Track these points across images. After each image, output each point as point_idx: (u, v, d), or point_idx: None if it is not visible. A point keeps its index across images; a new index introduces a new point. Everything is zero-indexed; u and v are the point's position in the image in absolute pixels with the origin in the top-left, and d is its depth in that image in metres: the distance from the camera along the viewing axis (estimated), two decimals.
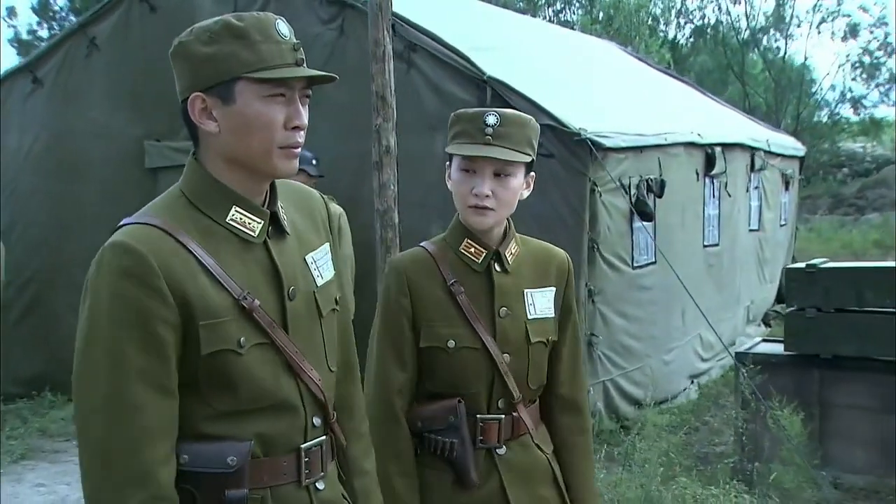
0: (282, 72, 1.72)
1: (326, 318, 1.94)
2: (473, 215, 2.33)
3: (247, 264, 1.79)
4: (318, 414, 1.88)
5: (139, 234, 1.70)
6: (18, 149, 8.09)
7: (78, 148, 7.88)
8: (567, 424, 2.52)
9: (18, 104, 8.10)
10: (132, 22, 7.72)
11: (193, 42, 1.74)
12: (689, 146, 8.34)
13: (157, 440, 1.65)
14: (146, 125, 7.63)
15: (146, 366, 1.65)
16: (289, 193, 1.97)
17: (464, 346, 2.35)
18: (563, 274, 2.49)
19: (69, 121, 7.92)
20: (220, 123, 1.75)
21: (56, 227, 7.98)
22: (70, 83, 7.96)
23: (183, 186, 1.82)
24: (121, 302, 1.65)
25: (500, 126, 2.30)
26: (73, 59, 7.93)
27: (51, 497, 5.67)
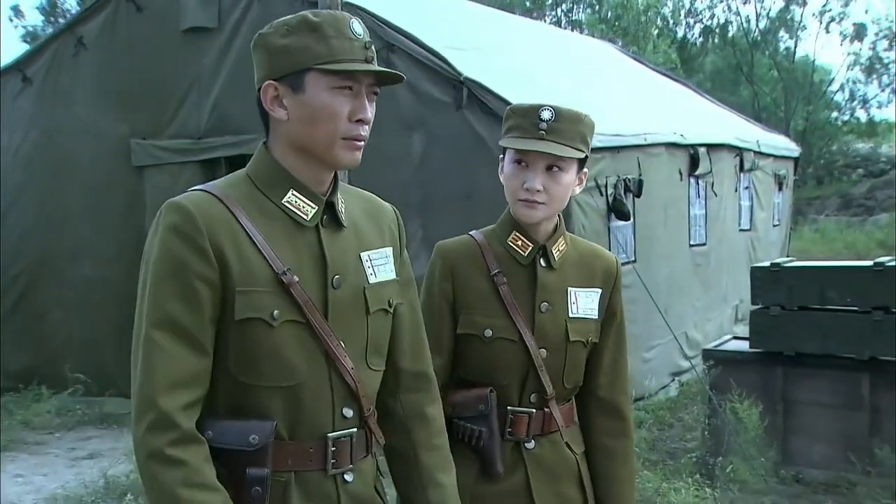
0: (350, 65, 1.78)
1: (375, 316, 1.95)
2: (523, 208, 2.32)
3: (296, 246, 1.84)
4: (349, 405, 1.88)
5: (194, 197, 1.79)
6: (8, 147, 8.24)
7: (66, 146, 8.02)
8: (604, 427, 2.48)
9: (8, 103, 8.25)
10: (119, 22, 7.85)
11: (272, 34, 1.81)
12: (672, 146, 8.42)
13: (182, 389, 1.71)
14: (133, 124, 7.77)
15: (181, 316, 1.72)
16: (360, 200, 2.03)
17: (500, 336, 2.34)
18: (610, 277, 2.47)
19: (58, 119, 8.06)
20: (290, 111, 1.81)
21: (44, 224, 8.13)
22: (59, 82, 8.10)
23: (249, 170, 1.90)
24: (166, 255, 1.74)
25: (554, 121, 2.29)
26: (61, 58, 8.07)
27: (27, 487, 5.79)
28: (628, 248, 7.59)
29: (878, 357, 5.58)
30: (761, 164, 11.39)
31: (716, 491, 5.47)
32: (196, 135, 7.53)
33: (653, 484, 5.53)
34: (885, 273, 5.57)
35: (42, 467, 6.19)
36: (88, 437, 6.83)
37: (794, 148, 13.73)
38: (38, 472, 6.08)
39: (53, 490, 5.67)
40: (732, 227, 10.51)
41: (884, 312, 5.53)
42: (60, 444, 6.76)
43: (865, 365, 5.60)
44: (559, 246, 2.41)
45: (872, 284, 5.59)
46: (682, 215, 8.85)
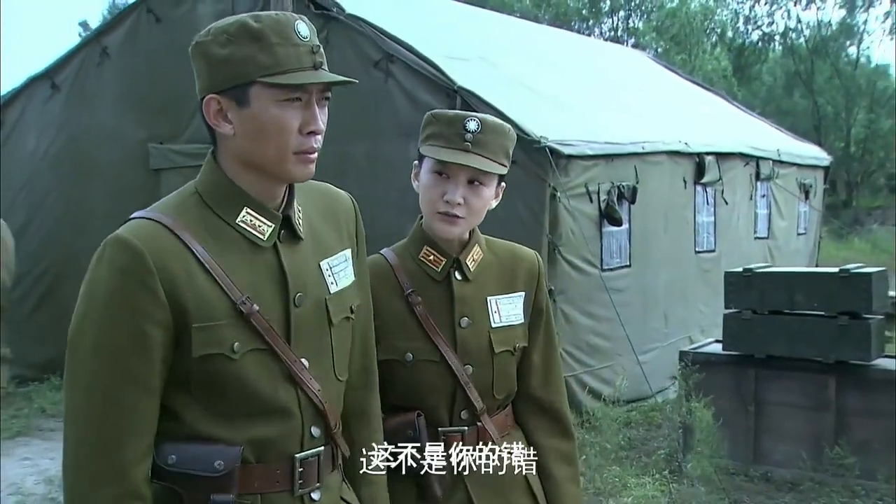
0: (297, 76, 1.68)
1: (337, 327, 1.89)
2: (441, 222, 2.23)
3: (254, 268, 1.75)
4: (317, 423, 1.83)
5: (141, 230, 1.69)
6: (36, 150, 8.72)
7: (89, 149, 8.47)
8: (542, 428, 2.41)
9: (38, 108, 8.73)
10: (140, 32, 8.28)
11: (211, 43, 1.70)
12: (675, 154, 8.59)
13: (134, 438, 1.64)
14: (151, 128, 8.18)
15: (131, 363, 1.64)
16: (314, 195, 1.93)
17: (422, 359, 2.25)
18: (532, 277, 2.39)
19: (82, 124, 8.52)
20: (236, 126, 1.71)
21: (68, 224, 8.58)
22: (84, 89, 8.56)
23: (198, 185, 1.79)
24: (113, 297, 1.65)
25: (480, 133, 2.21)
26: (87, 66, 8.54)
27: (32, 470, 6.18)
28: (622, 254, 7.79)
29: (843, 360, 5.73)
30: (782, 173, 11.46)
31: (677, 486, 5.66)
32: (209, 140, 7.86)
33: (620, 479, 5.74)
34: (851, 279, 5.72)
35: (50, 451, 6.56)
36: None
37: (824, 157, 13.73)
38: (46, 456, 6.46)
39: (56, 472, 6.04)
40: (747, 235, 10.61)
41: (849, 317, 5.69)
42: None
43: (832, 368, 5.76)
44: (474, 255, 2.33)
45: (839, 290, 5.74)
46: (687, 222, 9.00)
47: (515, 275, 2.37)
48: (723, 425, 5.96)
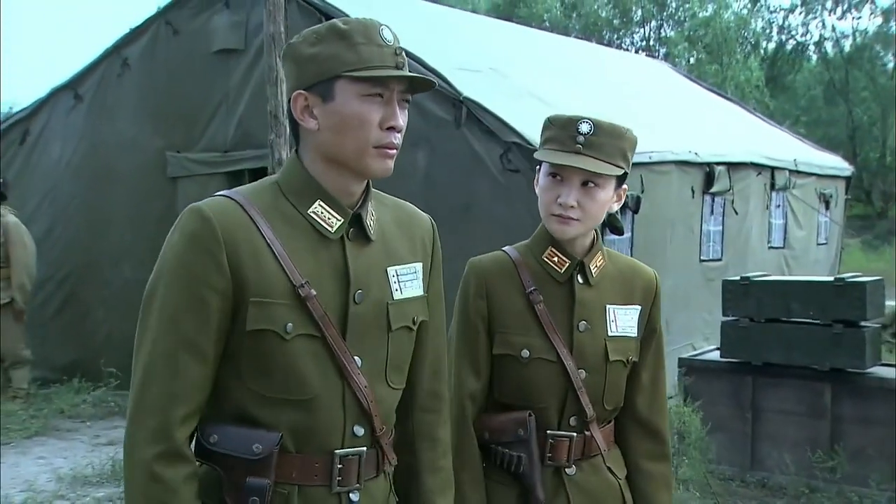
0: (380, 72, 1.74)
1: (396, 333, 1.89)
2: (556, 224, 2.24)
3: (318, 258, 1.79)
4: (360, 423, 1.83)
5: (216, 203, 1.77)
6: (60, 158, 8.96)
7: (109, 158, 8.69)
8: (643, 449, 2.38)
9: (62, 118, 8.97)
10: (158, 44, 8.50)
11: (301, 44, 1.79)
12: (684, 164, 8.66)
13: (182, 401, 1.70)
14: (168, 137, 8.39)
15: (188, 328, 1.70)
16: (395, 208, 1.98)
17: (538, 356, 2.24)
18: (649, 293, 2.37)
19: (103, 133, 8.75)
20: (320, 121, 1.78)
21: (89, 230, 8.81)
22: (105, 99, 8.79)
23: (279, 177, 1.86)
24: (180, 263, 1.72)
25: (592, 135, 2.20)
26: (108, 77, 8.76)
27: (45, 468, 6.36)
28: None
29: (839, 368, 5.78)
30: (799, 183, 11.47)
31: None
32: (223, 148, 8.10)
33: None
34: (845, 288, 5.78)
35: (65, 451, 6.77)
36: (115, 426, 7.38)
37: (845, 167, 13.70)
38: (60, 455, 6.65)
39: (67, 472, 6.23)
40: (760, 245, 10.62)
41: (844, 325, 5.76)
42: (88, 432, 7.35)
43: (827, 375, 5.82)
44: (597, 261, 2.32)
45: (833, 299, 5.80)
46: (692, 231, 9.06)
47: (633, 288, 2.36)
48: (721, 431, 6.05)
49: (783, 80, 34.39)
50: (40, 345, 8.52)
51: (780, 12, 34.47)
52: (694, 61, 33.87)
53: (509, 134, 6.90)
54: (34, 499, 5.64)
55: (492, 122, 6.98)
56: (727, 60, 31.61)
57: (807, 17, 34.14)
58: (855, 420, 5.79)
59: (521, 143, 6.85)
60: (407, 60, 1.81)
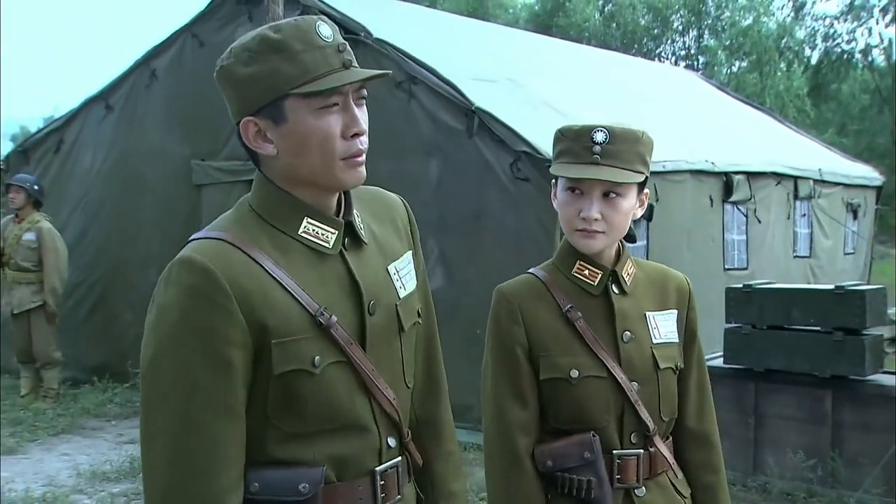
0: (329, 81, 1.60)
1: (408, 333, 1.83)
2: (582, 238, 2.15)
3: (324, 278, 1.69)
4: (392, 434, 1.78)
5: (208, 249, 1.61)
6: (91, 167, 9.28)
7: (138, 166, 8.99)
8: (700, 461, 2.29)
9: (94, 127, 9.29)
10: (185, 55, 8.77)
11: (234, 64, 1.65)
12: (700, 174, 8.75)
13: (226, 467, 1.57)
14: (193, 146, 8.65)
15: (214, 389, 1.56)
16: (367, 200, 1.86)
17: (588, 374, 2.15)
18: (683, 297, 2.31)
19: (132, 142, 9.04)
20: (277, 145, 1.64)
21: (118, 235, 9.11)
22: (135, 109, 9.09)
23: (252, 201, 1.72)
24: (187, 323, 1.56)
25: (608, 143, 2.11)
26: (137, 88, 9.06)
27: (69, 464, 6.60)
28: None
29: (839, 375, 5.85)
30: (825, 192, 11.49)
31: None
32: (245, 157, 8.26)
33: None
34: (846, 296, 5.85)
35: (88, 448, 7.02)
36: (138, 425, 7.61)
37: (875, 177, 13.66)
38: (83, 452, 6.90)
39: (87, 464, 6.48)
40: (785, 254, 10.67)
41: (844, 333, 5.82)
42: (112, 431, 7.60)
43: (828, 382, 5.88)
44: (628, 269, 2.25)
45: (834, 307, 5.87)
46: (713, 240, 9.14)
47: (667, 292, 2.29)
48: (724, 437, 5.98)
49: (828, 88, 34.08)
50: (72, 346, 8.82)
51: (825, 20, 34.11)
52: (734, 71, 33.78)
53: (519, 143, 7.04)
54: (53, 493, 5.87)
55: (502, 131, 7.12)
56: (767, 70, 31.49)
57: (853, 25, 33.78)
58: (855, 426, 5.84)
59: (530, 153, 6.99)
60: (353, 54, 1.67)
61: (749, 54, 32.60)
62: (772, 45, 31.66)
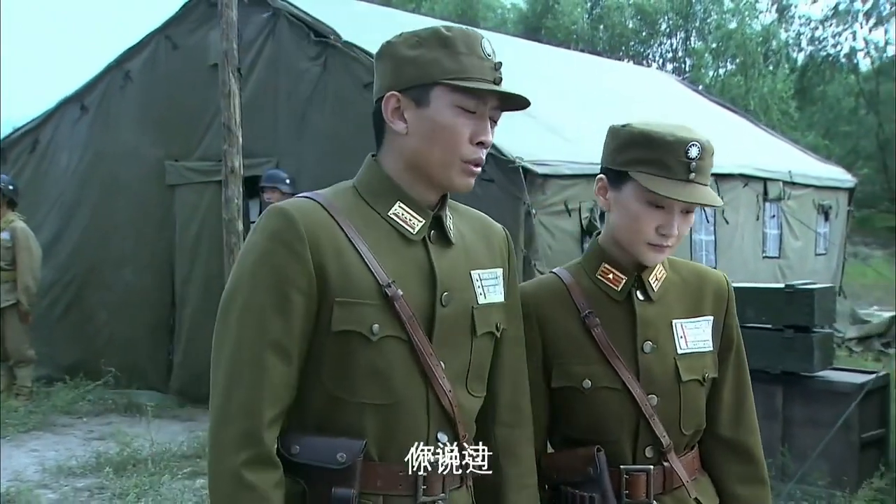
0: (480, 84, 1.73)
1: (480, 339, 1.84)
2: (652, 252, 2.06)
3: (402, 259, 1.76)
4: (444, 429, 1.78)
5: (298, 203, 1.76)
6: (66, 167, 9.38)
7: (112, 166, 9.09)
8: (734, 473, 2.19)
9: (69, 128, 9.40)
10: (158, 57, 8.88)
11: (401, 44, 1.76)
12: None
13: (270, 404, 1.66)
14: (167, 147, 8.76)
15: (274, 329, 1.66)
16: (471, 217, 1.95)
17: (601, 385, 2.06)
18: (721, 300, 2.20)
19: (107, 143, 9.14)
20: (410, 125, 1.75)
21: (93, 235, 9.21)
22: (109, 110, 9.19)
23: (355, 181, 1.84)
24: (264, 262, 1.69)
25: (699, 159, 2.00)
26: (112, 89, 9.16)
27: (36, 459, 6.70)
28: None
29: (789, 371, 5.99)
30: (795, 194, 11.63)
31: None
32: (217, 157, 8.30)
33: None
34: (796, 295, 6.00)
35: (57, 445, 7.11)
36: (109, 422, 7.72)
37: (847, 178, 13.81)
38: (52, 449, 6.99)
39: (53, 460, 6.59)
40: (753, 255, 10.81)
41: (794, 331, 5.96)
42: (83, 428, 7.69)
43: (779, 378, 6.02)
44: (657, 274, 2.14)
45: (785, 305, 6.01)
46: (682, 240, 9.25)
47: (702, 296, 2.18)
48: None
49: (813, 91, 34.28)
50: (46, 345, 8.93)
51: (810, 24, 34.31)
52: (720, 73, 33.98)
53: None
54: (17, 487, 5.97)
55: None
56: (752, 72, 31.68)
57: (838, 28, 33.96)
58: (804, 422, 5.98)
59: (495, 154, 7.09)
60: (502, 75, 1.78)
61: (735, 57, 32.81)
62: (756, 48, 31.83)
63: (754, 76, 31.73)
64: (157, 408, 7.82)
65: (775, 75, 32.11)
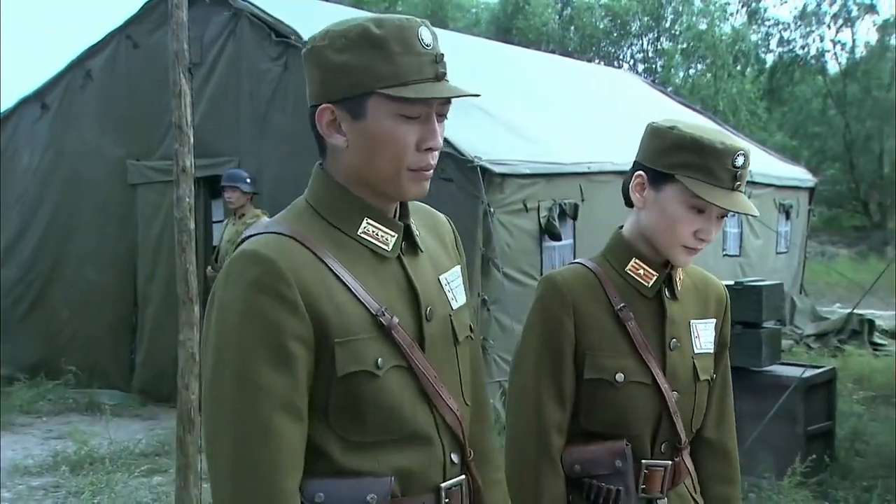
0: (419, 89, 1.55)
1: (462, 346, 1.77)
2: (685, 255, 2.07)
3: (382, 280, 1.64)
4: (455, 450, 1.71)
5: (270, 242, 1.57)
6: (28, 165, 9.40)
7: (74, 165, 9.12)
8: (715, 473, 2.24)
9: (29, 127, 9.42)
10: (119, 57, 8.91)
11: (327, 48, 1.58)
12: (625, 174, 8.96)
13: (291, 471, 1.52)
14: (128, 146, 8.79)
15: (277, 387, 1.50)
16: (420, 216, 1.80)
17: (633, 380, 2.07)
18: (721, 306, 2.27)
19: (68, 142, 9.17)
20: (349, 139, 1.60)
21: (56, 234, 9.24)
22: (70, 109, 9.22)
23: (309, 198, 1.67)
24: (251, 317, 1.51)
25: (743, 168, 2.02)
26: (73, 88, 9.18)
27: None
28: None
29: (737, 366, 6.08)
30: (755, 193, 11.78)
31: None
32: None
33: None
34: (744, 291, 6.12)
35: (15, 444, 7.12)
36: (69, 421, 7.74)
37: (808, 178, 14.02)
38: (10, 448, 6.99)
39: (10, 459, 6.60)
40: (714, 253, 10.93)
41: (742, 326, 6.08)
42: (42, 427, 7.72)
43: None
44: (679, 273, 2.17)
45: (733, 302, 6.00)
46: None
47: (708, 300, 2.25)
48: None
49: (782, 92, 34.63)
50: (9, 343, 8.95)
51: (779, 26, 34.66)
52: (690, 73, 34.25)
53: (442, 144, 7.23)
54: None
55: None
56: (721, 73, 31.96)
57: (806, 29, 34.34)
58: (752, 415, 6.08)
59: (454, 154, 7.18)
60: (445, 63, 1.61)
61: (704, 58, 33.08)
62: (725, 49, 32.11)
63: (723, 77, 32.00)
64: (118, 406, 7.86)
65: (744, 76, 32.40)
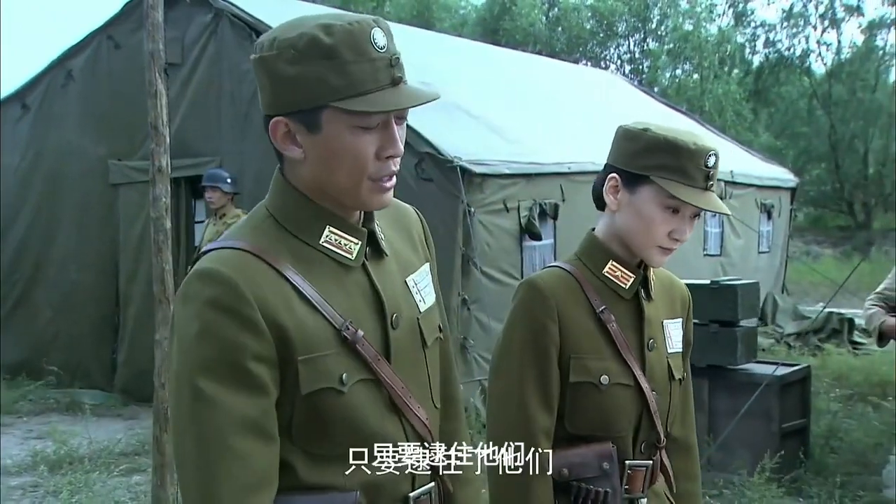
0: (374, 100, 1.49)
1: (431, 349, 1.74)
2: (660, 255, 2.09)
3: (347, 290, 1.59)
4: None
5: (227, 259, 1.52)
6: (9, 166, 9.42)
7: (56, 166, 9.14)
8: (679, 469, 2.25)
9: (10, 127, 9.43)
10: (101, 57, 8.93)
11: (276, 59, 1.51)
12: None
13: (260, 491, 1.47)
14: (110, 146, 8.81)
15: (242, 409, 1.46)
16: (385, 212, 1.73)
17: (617, 382, 2.07)
18: (685, 306, 2.28)
19: (49, 142, 9.19)
20: (306, 151, 1.55)
21: (38, 234, 9.26)
22: (51, 109, 9.23)
23: (269, 206, 1.62)
24: (208, 337, 1.46)
25: (714, 167, 2.05)
26: (53, 88, 9.21)
27: None
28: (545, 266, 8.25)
29: (713, 365, 6.16)
30: (737, 193, 11.86)
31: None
32: None
33: None
34: (720, 291, 6.19)
35: None
36: (49, 421, 7.74)
37: (790, 178, 14.09)
38: None
39: None
40: (694, 252, 11.00)
41: (719, 325, 6.14)
42: (22, 427, 7.72)
43: (705, 371, 6.17)
44: (651, 275, 2.19)
45: (710, 301, 6.18)
46: None
47: (675, 300, 2.26)
48: None
49: (769, 93, 34.77)
50: None
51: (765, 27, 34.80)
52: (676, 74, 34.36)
53: (422, 144, 7.27)
54: None
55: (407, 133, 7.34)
56: (707, 74, 32.07)
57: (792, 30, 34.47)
58: (728, 413, 6.15)
59: (434, 154, 7.22)
60: (402, 65, 1.56)
61: (690, 59, 33.18)
62: (712, 50, 32.22)
63: (710, 78, 32.12)
64: (100, 406, 7.87)
65: (730, 77, 32.53)
